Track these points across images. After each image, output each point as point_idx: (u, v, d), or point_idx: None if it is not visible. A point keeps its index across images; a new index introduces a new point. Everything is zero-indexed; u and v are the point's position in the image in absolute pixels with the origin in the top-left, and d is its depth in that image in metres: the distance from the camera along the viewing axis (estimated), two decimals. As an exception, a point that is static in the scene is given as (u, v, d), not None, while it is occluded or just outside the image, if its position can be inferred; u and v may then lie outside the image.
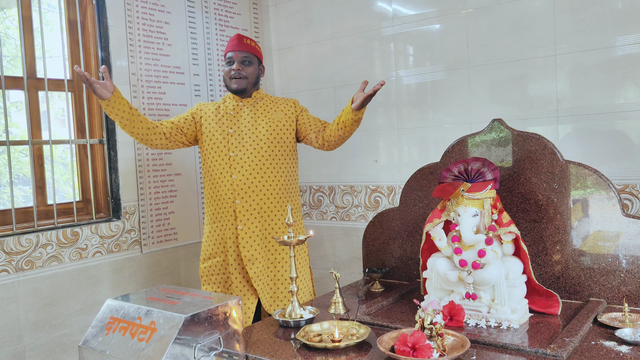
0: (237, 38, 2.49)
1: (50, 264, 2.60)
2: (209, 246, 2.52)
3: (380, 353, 1.62)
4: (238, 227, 2.43)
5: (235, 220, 2.43)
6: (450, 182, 1.93)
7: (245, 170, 2.43)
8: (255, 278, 2.43)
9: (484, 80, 2.93)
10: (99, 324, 1.64)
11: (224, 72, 2.51)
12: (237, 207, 2.43)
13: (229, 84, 2.48)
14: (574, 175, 2.05)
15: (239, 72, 2.44)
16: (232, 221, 2.44)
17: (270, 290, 2.48)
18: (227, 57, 2.50)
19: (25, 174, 2.76)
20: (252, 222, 2.43)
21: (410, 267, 2.44)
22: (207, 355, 1.53)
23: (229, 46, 2.50)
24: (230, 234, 2.45)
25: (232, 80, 2.46)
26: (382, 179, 3.34)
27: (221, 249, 2.48)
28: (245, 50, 2.47)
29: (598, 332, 1.73)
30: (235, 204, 2.43)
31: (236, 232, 2.44)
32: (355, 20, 3.38)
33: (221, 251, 2.48)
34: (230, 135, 2.44)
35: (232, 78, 2.46)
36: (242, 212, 2.43)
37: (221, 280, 2.50)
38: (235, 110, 2.49)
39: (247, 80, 2.47)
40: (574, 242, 2.06)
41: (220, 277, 2.50)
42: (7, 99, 2.64)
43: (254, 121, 2.48)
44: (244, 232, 2.43)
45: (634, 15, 2.51)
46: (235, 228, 2.44)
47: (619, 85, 2.58)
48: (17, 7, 2.58)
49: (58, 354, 2.63)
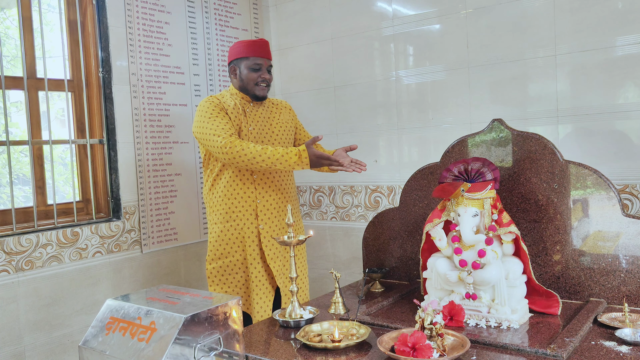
0: (265, 44, 2.49)
1: (50, 264, 2.60)
2: (220, 246, 2.49)
3: (380, 353, 1.62)
4: (259, 227, 2.46)
5: (257, 219, 2.46)
6: (450, 182, 1.93)
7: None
8: (277, 274, 2.47)
9: (484, 80, 2.93)
10: (99, 324, 1.64)
11: (246, 75, 2.45)
12: (257, 205, 2.46)
13: (254, 89, 2.46)
14: (574, 175, 2.05)
15: (267, 80, 2.47)
16: (253, 220, 2.46)
17: (286, 287, 2.53)
18: (253, 62, 2.44)
19: (25, 174, 2.76)
20: (272, 221, 2.48)
21: (410, 267, 2.44)
22: (207, 355, 1.53)
23: (255, 50, 2.45)
24: (250, 233, 2.46)
25: (258, 87, 2.46)
26: (382, 179, 3.34)
27: (236, 248, 2.48)
28: (270, 58, 2.51)
29: (598, 332, 1.73)
30: (257, 203, 2.46)
31: (257, 230, 2.46)
32: (355, 20, 3.38)
33: (236, 250, 2.48)
34: (251, 132, 2.46)
35: (258, 84, 2.46)
36: (263, 212, 2.46)
37: (233, 280, 2.49)
38: (250, 109, 2.50)
39: (269, 88, 2.52)
40: (574, 242, 2.06)
41: (232, 277, 2.49)
42: (7, 99, 2.64)
43: (268, 122, 2.53)
44: (265, 230, 2.46)
45: (634, 15, 2.51)
46: (256, 227, 2.46)
47: (619, 85, 2.58)
48: (17, 7, 2.58)
49: (58, 354, 2.63)
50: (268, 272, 2.49)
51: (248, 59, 2.45)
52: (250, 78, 2.46)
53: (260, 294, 2.47)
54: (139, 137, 2.96)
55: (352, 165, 2.29)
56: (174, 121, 3.13)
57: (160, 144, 3.06)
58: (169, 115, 3.10)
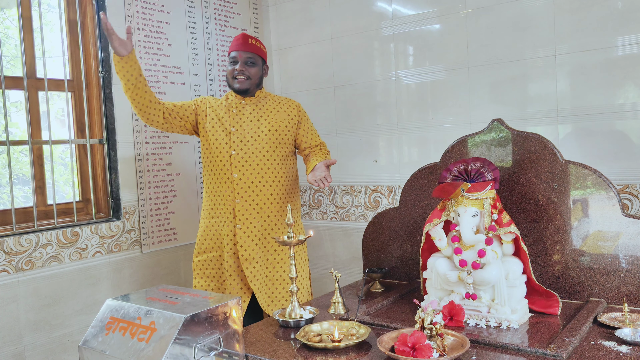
0: (242, 38, 2.49)
1: (50, 264, 2.60)
2: (205, 240, 2.52)
3: (380, 353, 1.62)
4: (236, 226, 2.43)
5: (234, 219, 2.44)
6: (450, 182, 1.93)
7: (246, 169, 2.43)
8: (252, 278, 2.43)
9: (484, 80, 2.93)
10: (99, 324, 1.64)
11: (227, 70, 2.51)
12: (236, 205, 2.43)
13: (232, 83, 2.48)
14: (574, 175, 2.05)
15: (242, 72, 2.45)
16: (231, 219, 2.44)
17: (269, 290, 2.48)
18: (230, 56, 2.49)
19: (25, 174, 2.76)
20: (250, 222, 2.44)
21: (410, 267, 2.44)
22: (207, 355, 1.53)
23: (234, 45, 2.49)
24: (227, 232, 2.45)
25: (234, 80, 2.46)
26: (382, 179, 3.34)
27: (217, 245, 2.49)
28: (250, 50, 2.47)
29: (598, 332, 1.73)
30: (235, 203, 2.43)
31: (234, 230, 2.44)
32: (355, 20, 3.38)
33: (217, 247, 2.49)
34: (232, 133, 2.45)
35: (234, 78, 2.46)
36: (242, 212, 2.43)
37: (215, 275, 2.52)
38: (237, 108, 2.49)
39: (250, 81, 2.47)
40: (574, 242, 2.06)
41: (214, 272, 2.52)
42: (7, 99, 2.64)
43: (256, 120, 2.49)
44: (242, 231, 2.43)
45: (634, 15, 2.51)
46: (234, 227, 2.44)
47: (619, 85, 2.58)
48: (17, 7, 2.58)
49: (58, 354, 2.63)
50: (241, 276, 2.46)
51: (228, 56, 2.51)
52: (229, 72, 2.49)
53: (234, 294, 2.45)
54: (138, 137, 2.96)
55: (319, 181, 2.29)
56: (174, 121, 3.13)
57: (160, 144, 3.07)
58: (169, 115, 3.10)
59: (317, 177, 2.30)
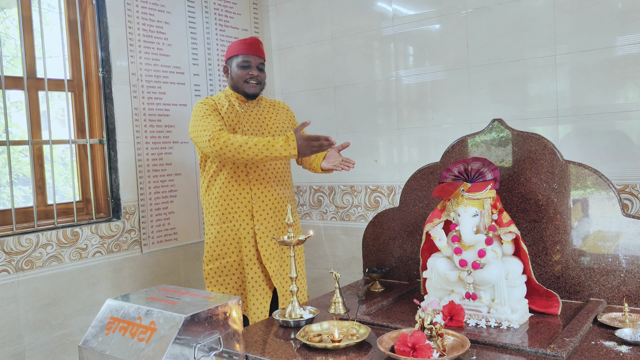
0: (255, 42, 2.49)
1: (50, 264, 2.60)
2: (217, 247, 2.49)
3: (380, 353, 1.62)
4: (255, 227, 2.45)
5: (252, 220, 2.46)
6: (450, 182, 1.93)
7: (261, 170, 2.47)
8: (274, 275, 2.47)
9: (484, 80, 2.93)
10: (99, 324, 1.64)
11: (236, 73, 2.46)
12: (253, 206, 2.46)
13: (243, 86, 2.46)
14: (574, 175, 2.05)
15: (256, 77, 2.46)
16: (249, 221, 2.46)
17: (286, 285, 2.53)
18: (242, 59, 2.45)
19: (25, 174, 2.76)
20: (267, 222, 2.48)
21: (410, 267, 2.44)
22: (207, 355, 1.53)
23: (245, 48, 2.46)
24: (245, 234, 2.46)
25: (247, 85, 2.46)
26: (382, 179, 3.34)
27: (232, 249, 2.47)
28: (261, 56, 2.50)
29: (598, 332, 1.73)
30: (252, 204, 2.45)
31: (252, 231, 2.46)
32: (355, 20, 3.38)
33: (232, 251, 2.47)
34: (245, 133, 2.46)
35: (247, 82, 2.46)
36: (259, 212, 2.46)
37: (230, 282, 2.49)
38: (244, 109, 2.50)
39: (261, 86, 2.50)
40: (574, 242, 2.06)
41: (229, 278, 2.49)
42: (7, 99, 2.64)
43: (261, 122, 2.53)
44: (260, 231, 2.46)
45: (634, 15, 2.51)
46: (252, 228, 2.46)
47: (619, 85, 2.58)
48: (17, 7, 2.58)
49: (58, 354, 2.63)
50: (265, 273, 2.49)
51: (238, 57, 2.47)
52: (240, 76, 2.46)
53: (257, 295, 2.46)
54: (138, 137, 2.96)
55: (342, 164, 2.39)
56: (174, 121, 3.13)
57: (160, 144, 3.07)
58: (169, 115, 3.10)
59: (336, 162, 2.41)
